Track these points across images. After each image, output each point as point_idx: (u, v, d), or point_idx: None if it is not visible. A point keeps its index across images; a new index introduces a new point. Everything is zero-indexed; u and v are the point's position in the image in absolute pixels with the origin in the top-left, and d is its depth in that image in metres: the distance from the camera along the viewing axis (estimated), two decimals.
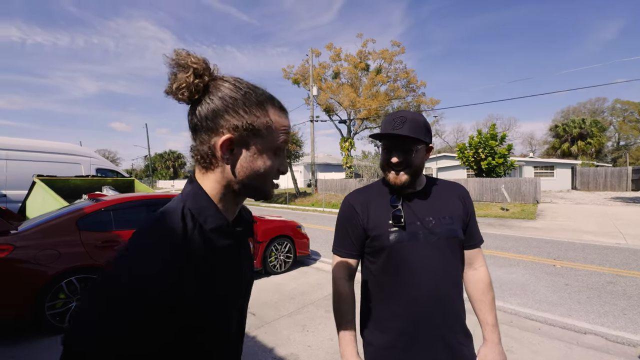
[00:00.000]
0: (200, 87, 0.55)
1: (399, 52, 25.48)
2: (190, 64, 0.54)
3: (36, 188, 5.09)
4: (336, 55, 25.46)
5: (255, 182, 0.60)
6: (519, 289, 4.26)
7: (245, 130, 0.57)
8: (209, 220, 0.57)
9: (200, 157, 0.58)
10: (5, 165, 6.58)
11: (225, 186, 0.60)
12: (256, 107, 0.58)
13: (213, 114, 0.56)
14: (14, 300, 2.89)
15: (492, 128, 17.47)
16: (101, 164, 8.35)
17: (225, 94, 0.56)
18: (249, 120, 0.57)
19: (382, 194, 1.10)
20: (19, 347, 2.84)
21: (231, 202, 0.62)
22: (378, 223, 1.05)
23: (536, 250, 6.51)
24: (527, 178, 15.33)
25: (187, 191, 0.60)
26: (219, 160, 0.58)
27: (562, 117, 42.29)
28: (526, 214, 11.67)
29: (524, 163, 22.82)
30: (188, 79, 0.54)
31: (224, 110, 0.56)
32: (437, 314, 1.01)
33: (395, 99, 26.09)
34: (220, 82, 0.58)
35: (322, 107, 25.21)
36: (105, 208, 3.60)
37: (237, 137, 0.57)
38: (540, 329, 3.15)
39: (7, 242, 2.92)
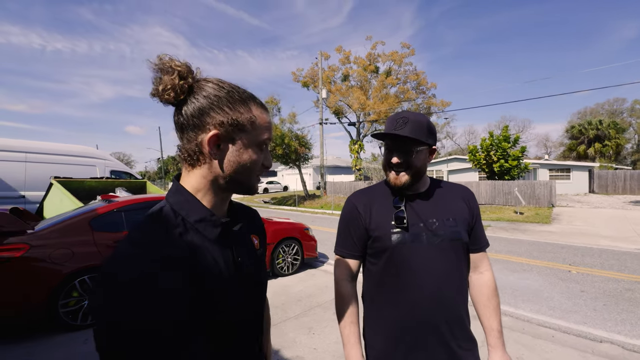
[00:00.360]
0: (185, 88, 0.58)
1: (408, 54, 25.34)
2: (174, 67, 0.57)
3: (53, 189, 5.26)
4: (345, 58, 25.50)
5: (241, 176, 0.63)
6: (532, 295, 4.14)
7: (230, 125, 0.59)
8: (191, 213, 0.60)
9: (188, 155, 0.61)
10: (24, 167, 6.83)
11: (211, 181, 0.62)
12: (239, 104, 0.61)
13: (199, 112, 0.58)
14: (30, 297, 2.99)
15: (504, 130, 17.14)
16: (115, 166, 8.57)
17: (209, 92, 0.59)
18: (233, 116, 0.60)
19: (385, 195, 1.09)
20: (35, 343, 2.93)
21: (216, 197, 0.64)
22: (380, 224, 1.04)
23: (551, 255, 6.32)
24: (541, 181, 14.94)
25: (169, 190, 0.64)
26: (205, 156, 0.60)
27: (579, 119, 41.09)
28: (541, 218, 11.36)
29: (538, 165, 22.24)
30: (173, 80, 0.57)
31: (209, 108, 0.58)
32: (439, 318, 0.99)
33: (405, 101, 25.91)
34: (204, 83, 0.60)
35: (331, 109, 25.26)
36: (118, 209, 3.69)
37: (223, 132, 0.59)
38: (553, 336, 3.05)
39: (24, 242, 3.02)
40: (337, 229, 1.17)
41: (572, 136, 36.51)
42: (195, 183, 0.62)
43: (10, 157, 6.71)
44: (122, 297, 0.47)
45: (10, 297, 2.92)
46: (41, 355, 2.74)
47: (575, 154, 34.91)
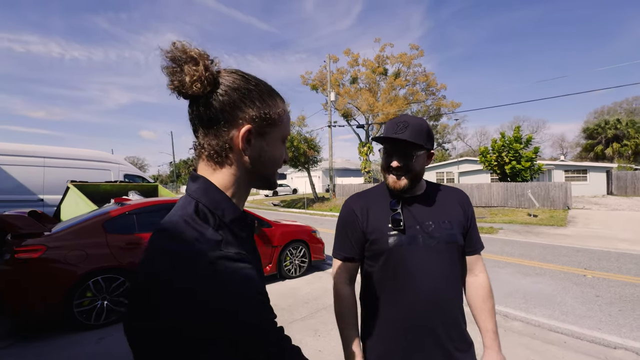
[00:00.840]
0: (211, 80, 0.53)
1: (417, 56, 25.20)
2: (196, 56, 0.52)
3: (70, 193, 5.45)
4: (354, 61, 25.54)
5: (268, 172, 0.62)
6: (544, 300, 4.04)
7: (263, 120, 0.57)
8: (226, 212, 0.56)
9: (214, 152, 0.56)
10: (43, 172, 7.11)
11: (241, 178, 0.59)
12: (268, 97, 0.59)
13: (230, 106, 0.54)
14: (47, 297, 3.11)
15: (516, 130, 16.78)
16: (129, 170, 8.81)
17: (239, 85, 0.55)
18: (265, 110, 0.57)
19: (383, 197, 1.10)
20: (51, 341, 3.04)
21: (243, 195, 0.61)
22: (377, 227, 1.05)
23: (565, 259, 6.15)
24: (556, 182, 14.55)
25: (194, 189, 0.57)
26: (236, 153, 0.57)
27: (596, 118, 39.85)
28: (555, 221, 11.06)
29: (553, 167, 21.67)
30: (199, 71, 0.52)
31: (240, 102, 0.55)
32: (436, 320, 1.00)
33: (415, 103, 25.75)
34: (228, 74, 0.56)
35: (340, 112, 25.30)
36: (130, 212, 3.80)
37: (256, 127, 0.57)
38: (565, 342, 2.97)
39: (41, 243, 3.15)
40: (334, 232, 1.17)
41: (589, 136, 35.46)
42: (224, 181, 0.57)
43: (30, 162, 7.00)
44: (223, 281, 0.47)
45: (29, 296, 3.05)
46: (56, 352, 2.84)
47: (593, 155, 33.86)
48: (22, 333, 3.21)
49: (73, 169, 7.42)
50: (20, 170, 6.83)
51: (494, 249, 7.23)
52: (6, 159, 6.72)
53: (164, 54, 0.52)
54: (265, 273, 4.77)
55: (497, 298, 4.09)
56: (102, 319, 3.34)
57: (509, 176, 16.45)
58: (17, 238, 3.13)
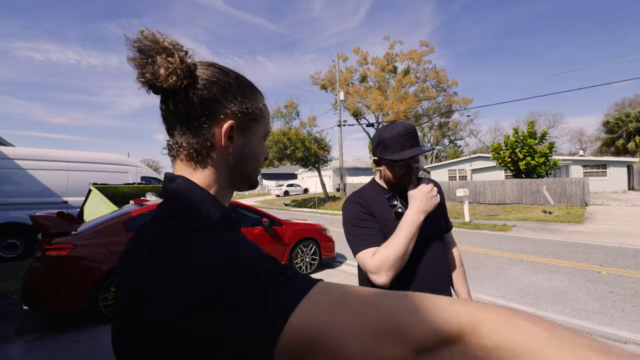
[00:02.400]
0: (187, 72, 0.48)
1: (427, 52, 24.92)
2: (168, 46, 0.47)
3: (92, 195, 5.75)
4: (363, 59, 25.49)
5: (251, 170, 0.57)
6: (556, 296, 4.02)
7: (245, 115, 0.53)
8: (211, 211, 0.49)
9: (194, 151, 0.51)
10: (66, 175, 7.49)
11: (222, 177, 0.54)
12: (249, 91, 0.55)
13: (210, 100, 0.50)
14: (75, 291, 3.34)
15: (530, 125, 16.40)
16: (145, 172, 9.16)
17: (218, 78, 0.51)
18: (247, 105, 0.53)
19: (378, 194, 1.18)
20: (80, 332, 3.27)
21: (227, 195, 0.57)
22: (382, 220, 1.11)
23: (581, 256, 6.04)
24: (573, 178, 14.16)
25: (177, 190, 0.50)
26: (217, 150, 0.52)
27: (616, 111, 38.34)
28: (572, 217, 10.80)
29: (570, 162, 21.04)
30: (174, 62, 0.47)
31: (221, 96, 0.51)
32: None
33: (425, 100, 25.47)
34: (205, 67, 0.52)
35: (349, 111, 25.30)
36: (148, 212, 4.01)
37: (238, 123, 0.53)
38: None
39: (69, 242, 3.38)
40: (347, 233, 1.12)
41: (609, 130, 34.16)
42: (205, 181, 0.52)
43: (55, 166, 7.39)
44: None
45: (59, 291, 3.29)
46: (86, 343, 3.06)
47: (614, 149, 32.61)
48: (52, 326, 3.45)
49: (94, 172, 7.80)
50: (45, 175, 7.23)
51: (506, 246, 7.16)
52: (33, 164, 7.12)
53: (131, 43, 0.47)
54: None
55: (507, 295, 4.11)
56: None
57: (523, 173, 16.11)
58: (47, 237, 3.37)
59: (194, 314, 0.35)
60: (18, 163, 6.94)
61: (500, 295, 4.14)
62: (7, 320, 3.55)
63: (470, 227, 10.21)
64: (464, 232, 9.34)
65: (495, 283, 4.62)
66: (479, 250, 6.88)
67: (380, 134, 1.13)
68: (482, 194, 16.45)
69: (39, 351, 2.94)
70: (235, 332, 0.34)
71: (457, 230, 9.85)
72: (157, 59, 0.47)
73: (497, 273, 5.11)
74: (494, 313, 0.32)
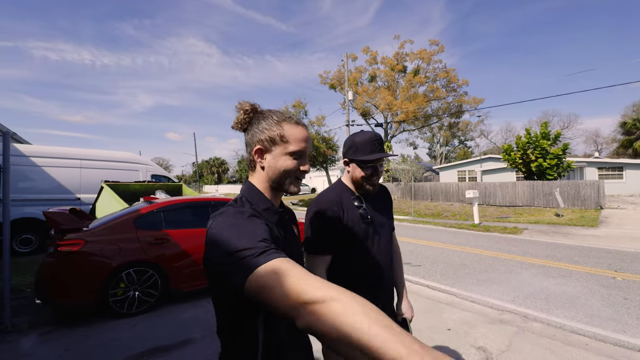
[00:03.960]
0: (246, 121, 0.90)
1: (438, 51, 24.63)
2: (242, 107, 0.89)
3: (103, 192, 5.87)
4: (372, 59, 25.35)
5: (280, 179, 0.88)
6: (568, 302, 3.92)
7: (266, 141, 0.86)
8: (260, 203, 0.86)
9: (248, 163, 0.91)
10: (80, 173, 7.67)
11: (264, 181, 0.89)
12: (274, 124, 0.86)
13: (251, 134, 0.89)
14: (85, 286, 3.41)
15: (543, 126, 16.04)
16: (155, 170, 9.30)
17: (257, 120, 0.89)
18: (269, 134, 0.86)
19: (346, 196, 1.33)
20: (91, 326, 3.34)
21: (271, 194, 0.91)
22: (351, 219, 1.27)
23: (594, 260, 5.88)
24: (588, 181, 13.78)
25: (243, 188, 0.92)
26: (256, 163, 0.89)
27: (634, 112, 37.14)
28: (586, 221, 10.52)
29: (585, 164, 20.49)
30: (240, 117, 0.89)
31: (256, 131, 0.88)
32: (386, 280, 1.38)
33: (435, 100, 25.18)
34: (259, 114, 0.90)
35: (358, 111, 25.21)
36: (158, 209, 4.07)
37: (263, 146, 0.87)
38: (587, 344, 2.89)
39: (80, 238, 3.46)
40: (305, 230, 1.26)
41: (626, 131, 33.10)
42: (256, 183, 0.90)
43: (68, 164, 7.58)
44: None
45: (70, 285, 3.36)
46: (98, 335, 3.12)
47: (631, 151, 31.59)
48: (63, 320, 3.54)
49: (106, 169, 7.96)
50: (59, 172, 7.41)
51: (517, 249, 7.02)
52: (47, 161, 7.31)
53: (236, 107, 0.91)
54: None
55: (517, 299, 4.03)
56: (134, 308, 3.61)
57: (535, 174, 15.76)
58: (60, 233, 3.45)
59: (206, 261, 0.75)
60: (33, 160, 7.14)
61: (510, 299, 4.06)
62: (21, 313, 3.65)
63: (479, 229, 10.05)
64: (473, 234, 9.19)
65: (504, 287, 4.53)
66: (489, 253, 6.76)
67: (352, 138, 1.33)
68: (492, 196, 16.16)
69: (50, 344, 3.01)
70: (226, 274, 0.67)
71: (466, 232, 9.71)
72: (237, 115, 0.90)
73: (507, 277, 5.01)
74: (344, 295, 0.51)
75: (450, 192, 17.99)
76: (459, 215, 13.74)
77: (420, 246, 7.63)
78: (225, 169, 58.54)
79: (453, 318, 3.49)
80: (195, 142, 38.98)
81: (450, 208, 15.81)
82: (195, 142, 38.38)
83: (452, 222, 12.07)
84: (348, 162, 1.35)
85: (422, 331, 3.14)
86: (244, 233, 0.69)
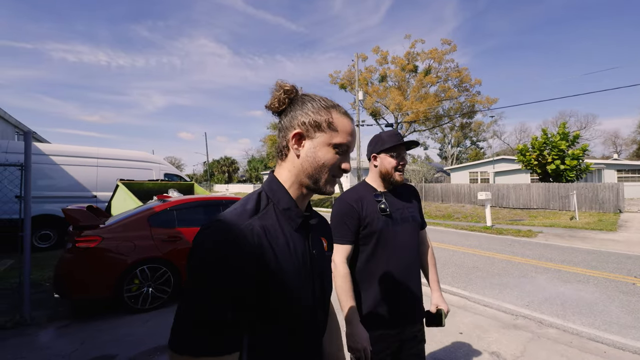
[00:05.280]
0: (285, 100, 0.74)
1: (450, 50, 24.28)
2: (282, 86, 0.73)
3: (119, 190, 6.01)
4: (383, 59, 25.17)
5: (316, 173, 0.72)
6: (585, 308, 3.80)
7: (310, 125, 0.71)
8: (281, 200, 0.71)
9: (279, 150, 0.75)
10: (96, 171, 7.88)
11: (295, 175, 0.73)
12: (322, 109, 0.72)
13: (291, 117, 0.73)
14: (102, 282, 3.50)
15: (561, 127, 15.60)
16: (168, 169, 9.48)
17: (302, 102, 0.74)
18: (314, 118, 0.71)
19: (368, 191, 1.43)
20: (105, 321, 3.43)
21: (299, 191, 0.74)
22: (370, 213, 1.36)
23: (613, 266, 5.68)
24: (606, 183, 13.34)
25: (266, 179, 0.77)
26: (289, 150, 0.73)
27: None
28: (604, 225, 10.18)
29: (604, 166, 19.83)
30: (279, 95, 0.73)
31: (298, 113, 0.72)
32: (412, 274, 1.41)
33: (446, 100, 24.83)
34: (302, 96, 0.75)
35: (368, 111, 25.07)
36: (171, 208, 4.14)
37: (304, 130, 0.71)
38: (605, 352, 2.80)
39: (97, 234, 3.55)
40: (331, 224, 1.34)
41: None
42: (284, 176, 0.74)
43: (86, 162, 7.80)
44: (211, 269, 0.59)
45: (87, 280, 3.46)
46: (112, 330, 3.21)
47: None
48: (80, 314, 3.64)
49: (121, 168, 8.15)
50: (77, 170, 7.64)
51: (531, 253, 6.85)
52: (66, 160, 7.54)
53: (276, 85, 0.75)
54: None
55: (532, 304, 3.94)
56: (148, 304, 3.69)
57: (551, 176, 15.34)
58: (78, 229, 3.55)
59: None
60: (52, 159, 7.37)
61: (524, 304, 3.97)
62: (40, 307, 3.77)
63: (492, 231, 9.85)
64: (485, 237, 9.02)
65: (518, 291, 4.43)
66: (502, 256, 6.62)
67: (378, 135, 1.45)
68: (505, 198, 15.82)
69: (67, 338, 3.10)
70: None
71: (478, 234, 9.53)
72: (274, 93, 0.74)
73: (521, 281, 4.90)
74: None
75: (461, 193, 17.70)
76: (470, 217, 13.50)
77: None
78: (235, 169, 59.12)
79: (465, 322, 3.43)
80: (206, 142, 39.56)
81: (462, 210, 15.55)
82: (207, 141, 38.94)
83: (463, 224, 11.87)
84: (375, 156, 1.42)
85: (434, 334, 3.09)
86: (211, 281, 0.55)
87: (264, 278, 0.61)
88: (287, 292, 0.64)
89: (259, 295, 0.60)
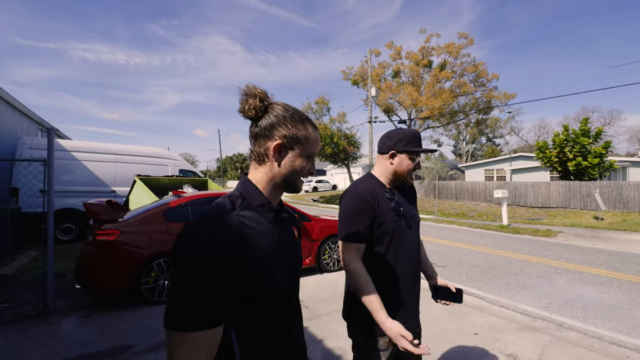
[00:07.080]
0: (262, 108, 0.80)
1: (466, 44, 23.65)
2: (257, 93, 0.79)
3: (136, 185, 6.18)
4: (396, 54, 24.77)
5: (291, 177, 0.83)
6: (607, 311, 3.66)
7: (290, 138, 0.80)
8: (254, 199, 0.80)
9: (257, 156, 0.82)
10: (115, 167, 8.12)
11: (271, 178, 0.82)
12: (299, 123, 0.82)
13: (270, 126, 0.80)
14: (120, 274, 3.61)
15: (583, 123, 14.99)
16: (183, 165, 9.67)
17: (278, 113, 0.80)
18: (293, 132, 0.80)
19: (379, 188, 1.37)
20: (124, 311, 3.54)
21: (272, 191, 0.84)
22: (384, 211, 1.30)
23: (638, 268, 5.44)
24: (632, 182, 12.74)
25: (239, 182, 0.85)
26: (269, 158, 0.81)
27: None
28: (629, 225, 9.76)
29: (629, 164, 18.95)
30: (255, 102, 0.79)
31: (277, 124, 0.80)
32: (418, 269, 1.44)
33: (462, 95, 24.26)
34: (275, 105, 0.82)
35: (381, 107, 24.79)
36: (186, 203, 4.22)
37: (285, 142, 0.80)
38: (629, 357, 2.68)
39: (116, 228, 3.66)
40: (340, 218, 1.32)
41: None
42: (259, 178, 0.82)
43: (105, 158, 8.05)
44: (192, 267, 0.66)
45: (107, 272, 3.58)
46: (130, 320, 3.31)
47: None
48: (101, 304, 3.78)
49: (138, 164, 8.38)
50: (97, 166, 7.90)
51: (550, 253, 6.64)
52: (86, 156, 7.81)
53: (242, 90, 0.80)
54: (304, 265, 4.95)
55: (551, 306, 3.82)
56: (164, 297, 3.79)
57: (572, 174, 14.78)
58: (98, 223, 3.67)
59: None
60: (74, 155, 7.65)
61: (543, 306, 3.85)
62: (63, 297, 3.93)
63: (508, 230, 9.60)
64: (502, 236, 8.80)
65: (537, 292, 4.30)
66: (519, 256, 6.44)
67: (402, 132, 1.38)
68: (522, 196, 15.37)
69: (88, 327, 3.22)
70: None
71: (494, 233, 9.31)
72: (249, 100, 0.79)
73: (540, 282, 4.75)
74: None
75: (476, 191, 17.31)
76: (485, 216, 13.19)
77: (445, 246, 7.41)
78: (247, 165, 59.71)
79: (480, 322, 3.36)
80: (219, 139, 40.05)
81: (477, 208, 15.21)
82: (220, 138, 39.46)
83: (478, 222, 11.62)
84: (394, 154, 1.36)
85: (447, 334, 3.04)
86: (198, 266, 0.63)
87: (244, 261, 0.68)
88: (266, 274, 0.72)
89: (241, 277, 0.68)
